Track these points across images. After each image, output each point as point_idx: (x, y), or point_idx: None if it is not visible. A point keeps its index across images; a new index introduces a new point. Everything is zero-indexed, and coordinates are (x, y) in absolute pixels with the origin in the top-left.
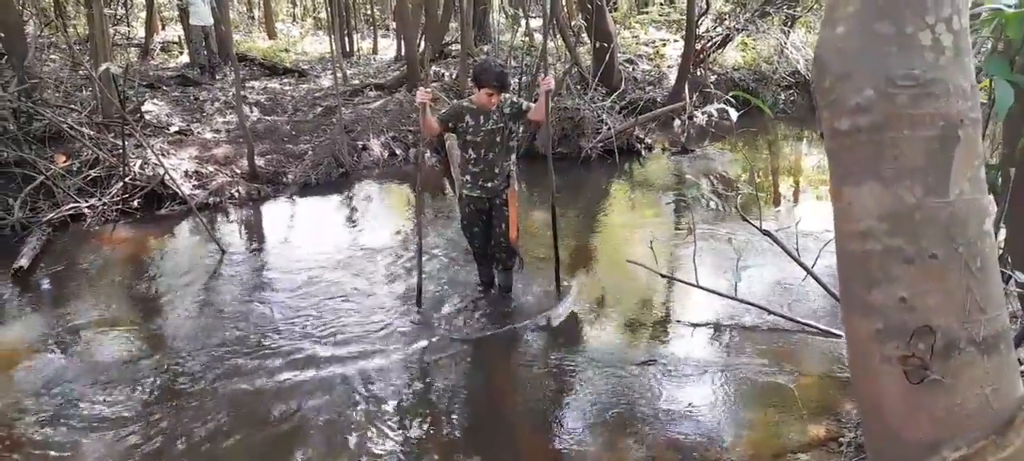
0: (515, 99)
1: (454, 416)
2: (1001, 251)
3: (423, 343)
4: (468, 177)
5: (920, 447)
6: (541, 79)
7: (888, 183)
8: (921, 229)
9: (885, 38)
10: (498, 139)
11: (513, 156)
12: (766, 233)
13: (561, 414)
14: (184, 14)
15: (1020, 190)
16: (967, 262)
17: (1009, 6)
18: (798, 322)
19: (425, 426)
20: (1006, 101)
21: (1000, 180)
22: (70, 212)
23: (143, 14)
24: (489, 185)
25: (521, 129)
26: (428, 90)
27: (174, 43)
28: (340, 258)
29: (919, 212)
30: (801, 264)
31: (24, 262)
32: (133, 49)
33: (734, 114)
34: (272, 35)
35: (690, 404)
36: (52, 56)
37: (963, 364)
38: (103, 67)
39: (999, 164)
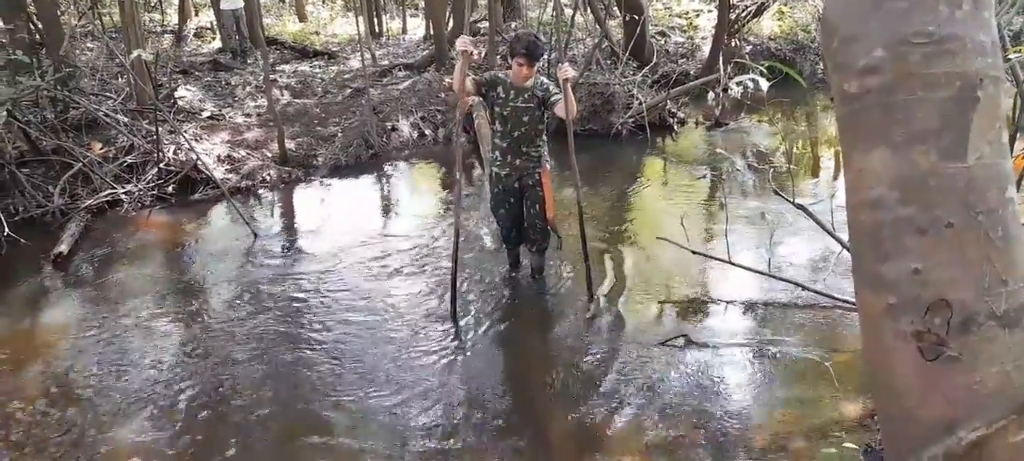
0: (550, 86)
1: (486, 397)
2: None
3: (456, 326)
4: (497, 153)
5: (936, 427)
6: (559, 68)
7: (900, 148)
8: (936, 197)
9: None
10: (525, 119)
11: (544, 137)
12: (800, 207)
13: (592, 393)
14: (215, 0)
15: None
16: (987, 231)
17: None
18: (833, 298)
19: (458, 408)
20: None
21: None
22: (107, 198)
23: (177, 1)
24: (517, 162)
25: (547, 114)
26: (471, 38)
27: (207, 29)
28: (372, 240)
29: (933, 178)
30: (836, 238)
31: (63, 248)
32: (168, 36)
33: (764, 84)
34: (302, 18)
35: (722, 382)
36: (88, 45)
37: (982, 340)
38: (135, 54)
39: None
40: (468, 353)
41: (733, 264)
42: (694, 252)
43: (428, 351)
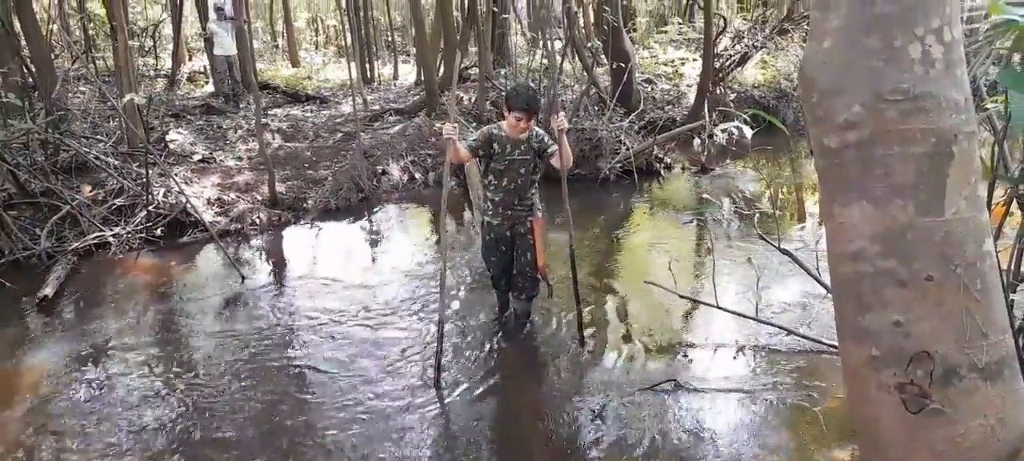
0: (545, 137)
1: (475, 443)
2: None
3: (443, 370)
4: (489, 204)
5: None
6: (554, 118)
7: (879, 202)
8: (915, 250)
9: (872, 52)
10: (522, 171)
11: (537, 186)
12: (785, 252)
13: (582, 438)
14: (209, 44)
15: None
16: (966, 284)
17: (1023, 16)
18: (820, 342)
19: (446, 456)
20: (1023, 114)
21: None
22: (95, 241)
23: (171, 45)
24: (510, 212)
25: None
26: (455, 124)
27: (200, 73)
28: (360, 286)
29: (912, 232)
30: (821, 283)
31: (49, 291)
32: (161, 80)
33: (748, 132)
34: (295, 63)
35: (711, 428)
36: (81, 88)
37: (965, 392)
38: (127, 98)
39: (1020, 178)
40: (456, 398)
41: (720, 308)
42: (682, 296)
43: (416, 399)
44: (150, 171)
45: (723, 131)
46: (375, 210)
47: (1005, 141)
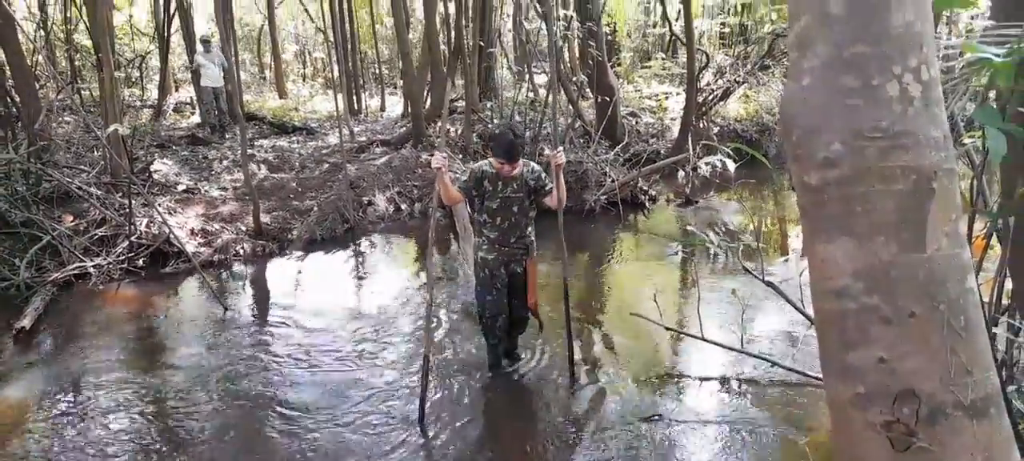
0: (541, 173)
1: None
2: (1008, 302)
3: (428, 407)
4: (485, 240)
5: None
6: (551, 154)
7: (861, 239)
8: (898, 287)
9: (851, 90)
10: (515, 208)
11: (532, 223)
12: (769, 284)
13: None
14: (196, 76)
15: (1021, 238)
16: (949, 321)
17: (997, 55)
18: (805, 375)
19: None
20: (999, 150)
21: (1001, 228)
22: (75, 271)
23: (157, 77)
24: (506, 249)
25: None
26: (445, 155)
27: (186, 104)
28: (344, 319)
29: (895, 269)
30: (805, 314)
31: (26, 323)
32: (147, 111)
33: (731, 165)
34: (283, 94)
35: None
36: (65, 119)
37: (951, 430)
38: (111, 128)
39: (999, 212)
40: (442, 435)
41: (706, 340)
42: (668, 328)
43: (398, 436)
44: (133, 201)
45: (707, 164)
46: (360, 241)
47: (983, 175)
